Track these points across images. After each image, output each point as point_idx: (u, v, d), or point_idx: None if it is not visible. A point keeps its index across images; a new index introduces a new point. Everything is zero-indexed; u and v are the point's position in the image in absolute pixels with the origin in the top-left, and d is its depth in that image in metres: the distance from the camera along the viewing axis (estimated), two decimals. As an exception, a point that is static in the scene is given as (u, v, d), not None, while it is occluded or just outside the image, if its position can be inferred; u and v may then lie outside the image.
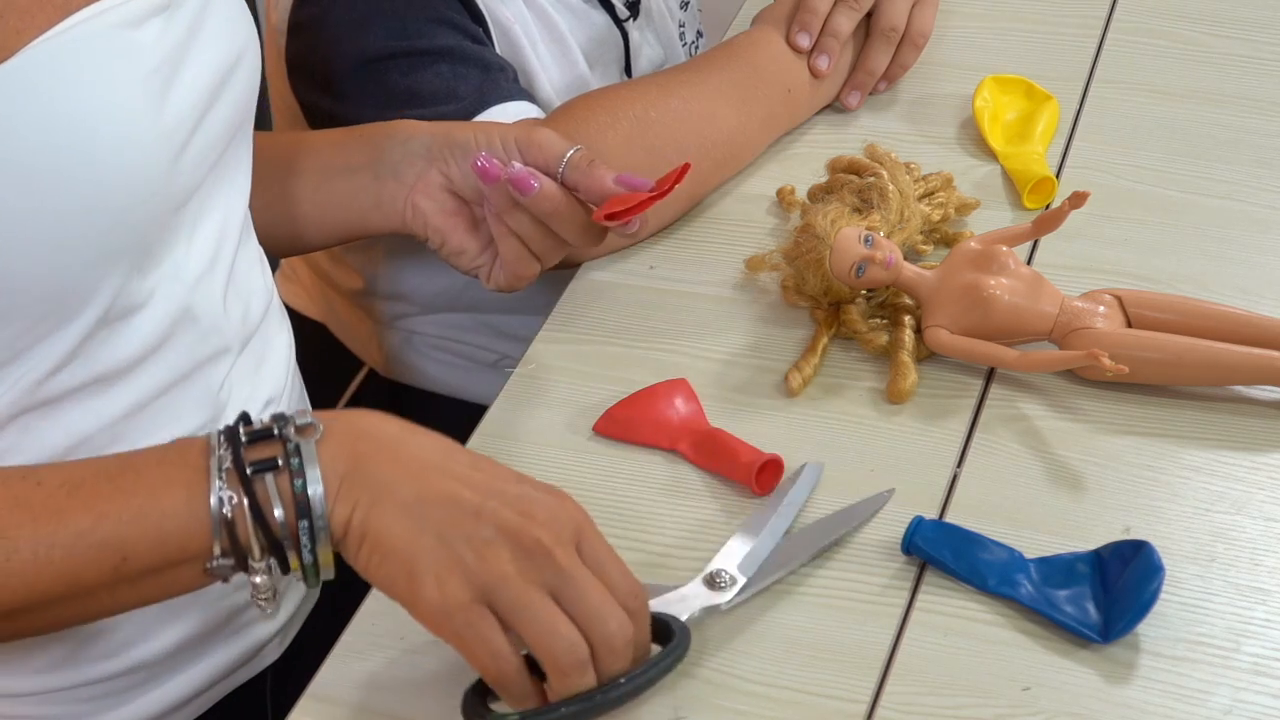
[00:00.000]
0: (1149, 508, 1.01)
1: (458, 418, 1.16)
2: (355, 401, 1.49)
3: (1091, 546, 0.97)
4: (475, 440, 1.09)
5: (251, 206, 1.06)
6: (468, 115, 1.21)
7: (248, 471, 0.81)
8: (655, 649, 0.90)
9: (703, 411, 1.09)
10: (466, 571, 0.81)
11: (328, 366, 1.47)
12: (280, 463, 0.81)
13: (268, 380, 1.06)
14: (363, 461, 0.83)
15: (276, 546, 0.82)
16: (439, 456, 0.84)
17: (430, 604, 0.81)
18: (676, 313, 1.18)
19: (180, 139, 0.93)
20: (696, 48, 1.53)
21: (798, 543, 0.99)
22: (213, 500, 0.81)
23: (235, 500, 0.81)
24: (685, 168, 1.05)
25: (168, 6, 0.92)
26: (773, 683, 0.93)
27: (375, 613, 0.99)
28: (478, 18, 1.29)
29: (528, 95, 1.26)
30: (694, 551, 1.00)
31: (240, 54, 1.00)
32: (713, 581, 0.96)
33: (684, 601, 0.95)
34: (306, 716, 0.94)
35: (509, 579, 0.81)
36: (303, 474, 0.81)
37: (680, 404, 1.09)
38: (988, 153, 1.30)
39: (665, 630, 0.92)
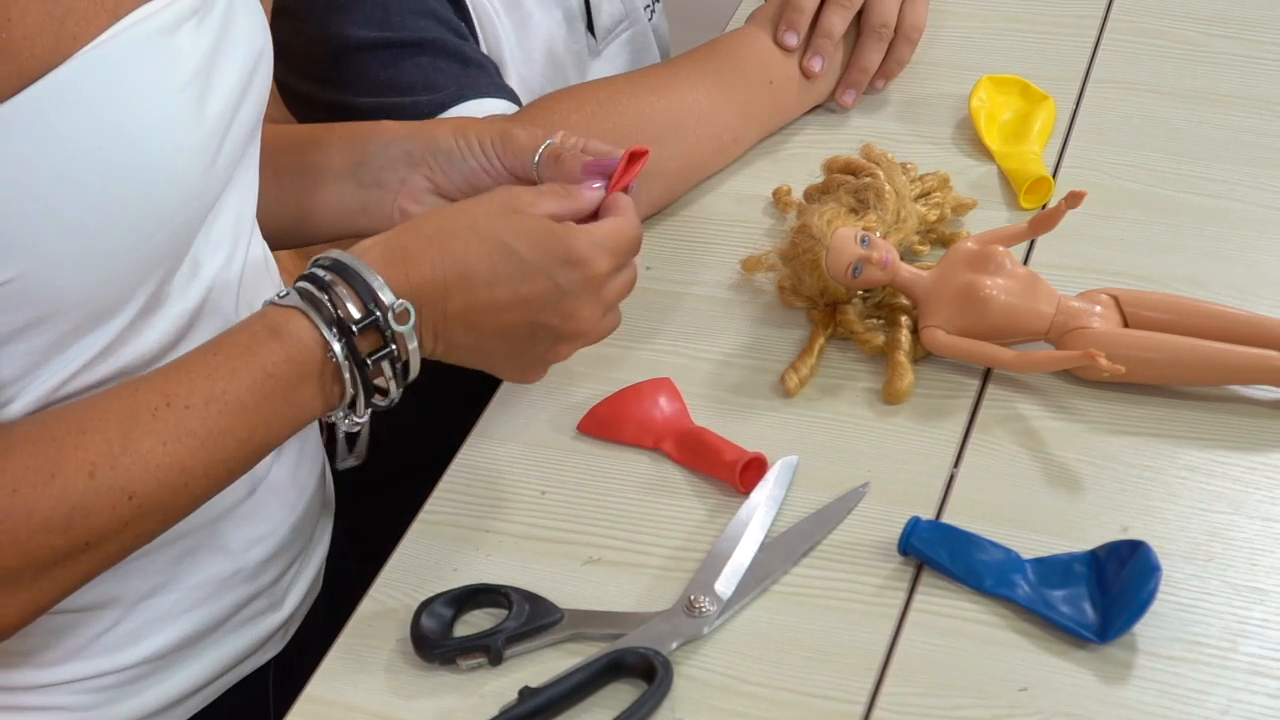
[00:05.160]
0: (1146, 507, 1.01)
1: (457, 411, 1.16)
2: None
3: (1088, 546, 0.97)
4: (472, 439, 1.10)
5: None
6: (443, 107, 1.21)
7: (367, 362, 0.93)
8: (640, 687, 0.92)
9: (686, 410, 1.09)
10: (536, 365, 1.02)
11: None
12: (391, 350, 0.93)
13: None
14: (442, 326, 0.96)
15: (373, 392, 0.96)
16: (491, 295, 0.97)
17: (511, 381, 1.07)
18: (673, 313, 1.18)
19: (215, 144, 0.94)
20: (652, 11, 1.51)
21: (777, 550, 0.99)
22: (346, 397, 0.94)
23: (359, 384, 0.94)
24: (644, 151, 1.03)
25: (198, 10, 0.92)
26: (770, 683, 0.93)
27: (373, 613, 0.99)
28: (461, 10, 1.29)
29: (506, 93, 1.25)
30: (678, 551, 1.00)
31: (260, 53, 1.00)
32: (691, 607, 0.96)
33: (665, 633, 0.94)
34: (304, 717, 0.94)
35: (566, 355, 1.02)
36: (407, 358, 0.94)
37: (664, 403, 1.09)
38: (984, 153, 1.30)
39: (649, 668, 0.92)
